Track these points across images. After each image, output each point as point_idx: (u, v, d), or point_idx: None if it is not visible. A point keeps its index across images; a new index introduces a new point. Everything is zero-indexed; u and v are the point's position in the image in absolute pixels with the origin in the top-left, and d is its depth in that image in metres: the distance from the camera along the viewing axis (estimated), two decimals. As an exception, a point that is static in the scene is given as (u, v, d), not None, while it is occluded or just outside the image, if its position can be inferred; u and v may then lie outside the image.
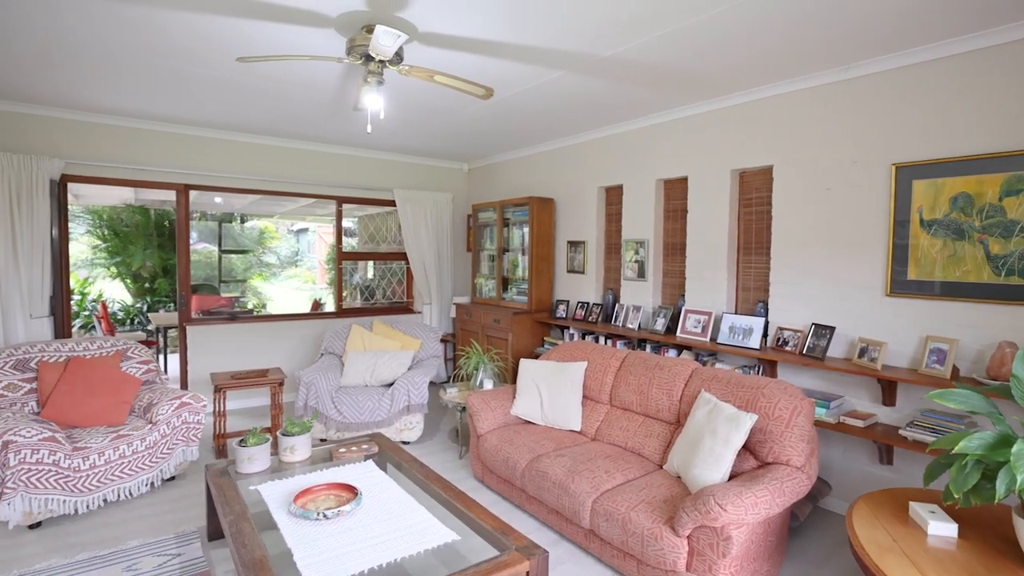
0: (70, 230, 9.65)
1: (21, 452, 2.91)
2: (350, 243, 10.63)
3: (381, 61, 2.69)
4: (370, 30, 2.59)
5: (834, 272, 3.33)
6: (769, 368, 3.55)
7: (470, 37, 2.85)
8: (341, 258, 6.21)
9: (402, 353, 4.80)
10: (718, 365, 3.83)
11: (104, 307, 7.40)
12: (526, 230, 5.39)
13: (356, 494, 2.46)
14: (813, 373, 3.42)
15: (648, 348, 4.26)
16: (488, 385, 4.31)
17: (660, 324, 4.23)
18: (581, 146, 5.16)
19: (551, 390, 3.71)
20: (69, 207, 9.01)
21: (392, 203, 6.26)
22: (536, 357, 5.20)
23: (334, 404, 4.28)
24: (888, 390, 3.02)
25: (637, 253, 4.58)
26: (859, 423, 2.99)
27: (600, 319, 4.80)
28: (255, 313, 9.58)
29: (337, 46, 2.95)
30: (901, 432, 2.83)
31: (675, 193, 4.41)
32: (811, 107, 3.42)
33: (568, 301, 5.21)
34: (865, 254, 3.18)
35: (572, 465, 2.96)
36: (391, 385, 4.52)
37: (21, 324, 4.26)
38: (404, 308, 6.69)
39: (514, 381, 5.05)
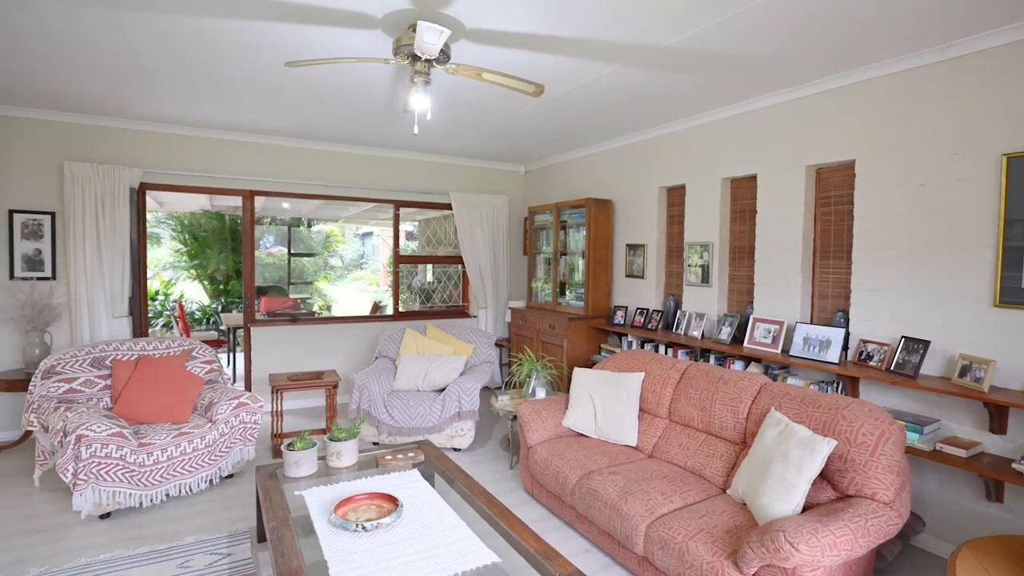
0: (157, 234, 10.41)
1: (92, 446, 3.05)
2: (410, 246, 10.81)
3: (427, 60, 2.62)
4: (415, 29, 2.52)
5: (928, 279, 2.95)
6: (850, 385, 3.20)
7: (518, 32, 2.73)
8: (398, 261, 6.27)
9: (454, 358, 4.74)
10: (790, 380, 3.50)
11: (181, 307, 7.85)
12: (583, 233, 5.21)
13: (397, 505, 2.39)
14: (902, 393, 3.04)
15: (712, 359, 3.98)
16: (540, 394, 4.17)
17: (725, 333, 3.93)
18: (640, 144, 4.92)
19: (606, 402, 3.52)
20: (154, 213, 9.71)
21: (449, 206, 6.25)
22: (591, 365, 5.01)
23: (386, 408, 4.27)
24: (997, 416, 2.62)
25: (701, 257, 4.30)
26: (960, 452, 2.61)
27: (660, 326, 4.55)
28: (320, 315, 9.88)
29: (385, 47, 2.91)
30: (1015, 466, 2.44)
31: (742, 192, 4.10)
32: (902, 93, 3.05)
33: (626, 307, 4.98)
34: (967, 258, 2.79)
35: (626, 485, 2.76)
36: (443, 390, 4.47)
37: (104, 323, 4.53)
38: (460, 312, 6.66)
39: (568, 390, 4.88)
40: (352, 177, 5.72)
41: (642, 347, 4.63)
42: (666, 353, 4.34)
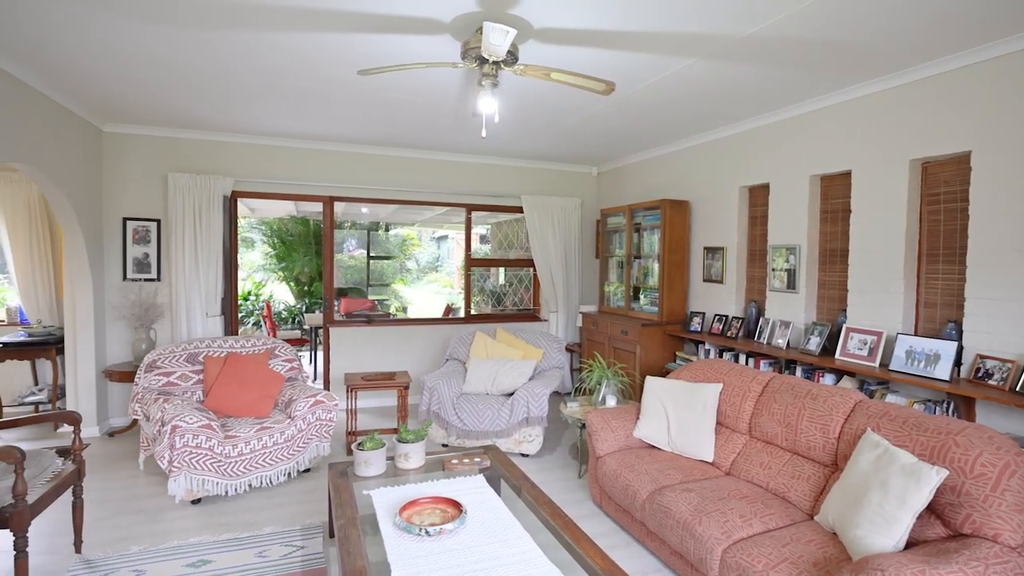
0: (251, 239, 11.18)
1: (185, 436, 3.28)
2: (483, 250, 10.93)
3: (495, 62, 2.59)
4: (482, 31, 2.50)
5: (1065, 287, 2.55)
6: (963, 407, 2.84)
7: (587, 29, 2.65)
8: (470, 264, 6.33)
9: (524, 362, 4.70)
10: (889, 397, 3.17)
11: (269, 307, 8.36)
12: (657, 235, 5.01)
13: (461, 511, 2.37)
14: (1030, 416, 2.65)
15: (799, 371, 3.68)
16: (611, 402, 4.04)
17: (814, 343, 3.62)
18: (719, 142, 4.66)
19: (680, 413, 3.34)
20: (247, 219, 10.44)
21: (520, 209, 6.23)
22: (665, 374, 4.79)
23: (455, 411, 4.30)
24: None
25: (787, 260, 4.00)
26: (1105, 490, 2.23)
27: (740, 335, 4.28)
28: (395, 316, 10.20)
29: (453, 52, 2.92)
30: None
31: (834, 191, 3.77)
32: (1030, 75, 2.67)
33: (704, 313, 4.73)
34: (1116, 263, 2.39)
35: (700, 503, 2.59)
36: (512, 395, 4.44)
37: (199, 321, 4.89)
38: (531, 315, 6.63)
39: (640, 399, 4.69)
40: (425, 181, 5.84)
41: (720, 356, 4.38)
42: (747, 363, 4.07)
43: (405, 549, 2.15)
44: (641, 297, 5.36)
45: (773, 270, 4.12)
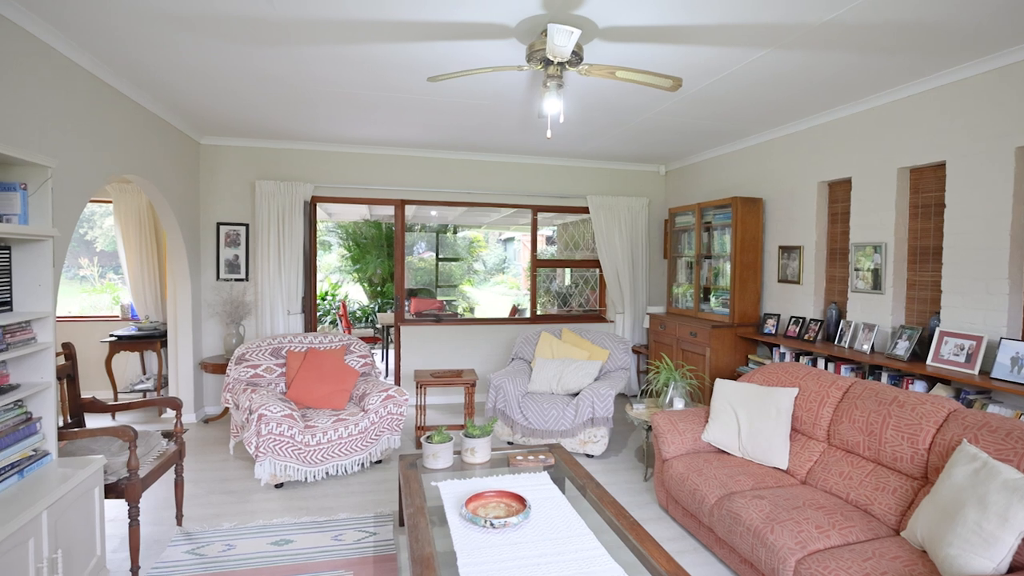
0: (328, 242, 11.81)
1: (269, 424, 3.52)
2: (549, 251, 10.96)
3: (560, 63, 2.62)
4: (547, 33, 2.54)
5: None
6: (1081, 419, 2.56)
7: (654, 25, 2.62)
8: (536, 265, 6.38)
9: (589, 363, 4.69)
10: (990, 408, 2.90)
11: (344, 306, 8.79)
12: (729, 234, 4.84)
13: (525, 506, 2.41)
14: None
15: (884, 377, 3.44)
16: (678, 404, 3.95)
17: (902, 348, 3.38)
18: (795, 136, 4.44)
19: (752, 417, 3.22)
20: (325, 223, 11.03)
21: (586, 210, 6.21)
22: (736, 377, 4.62)
23: (520, 409, 4.35)
24: None
25: (871, 259, 3.75)
26: None
27: (819, 338, 4.06)
28: (462, 316, 10.42)
29: (519, 55, 2.97)
30: None
31: (925, 184, 3.51)
32: None
33: (779, 315, 4.53)
34: None
35: (772, 511, 2.49)
36: (577, 395, 4.44)
37: (281, 319, 5.24)
38: (596, 316, 6.58)
39: (708, 402, 4.56)
40: (492, 184, 5.94)
41: (796, 360, 4.17)
42: (825, 368, 3.85)
43: (470, 539, 2.21)
44: (711, 298, 5.20)
45: (856, 270, 3.88)
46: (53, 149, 2.90)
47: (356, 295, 11.58)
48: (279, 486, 3.66)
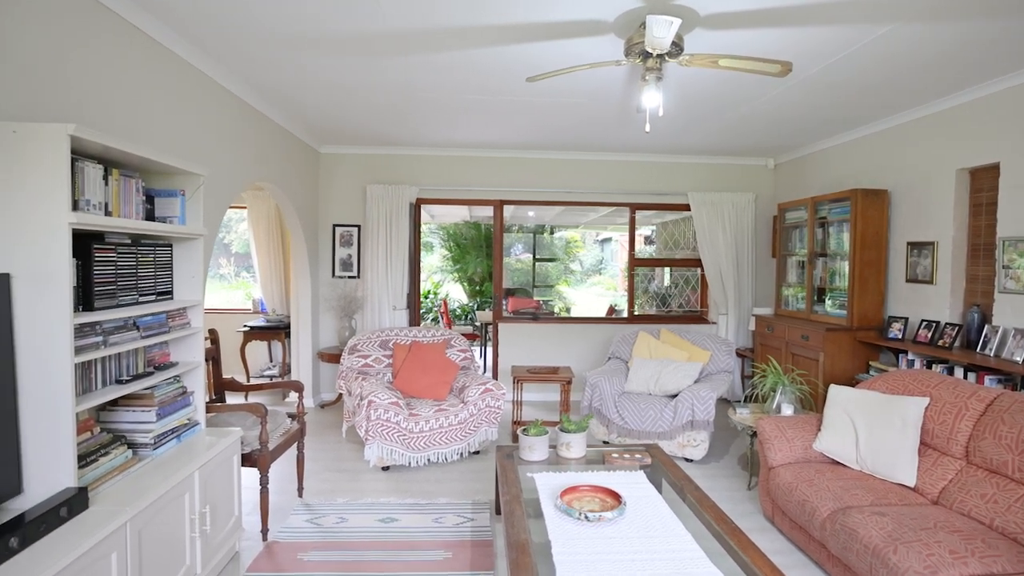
0: (431, 243, 12.38)
1: (378, 410, 3.78)
2: (648, 251, 10.70)
3: (659, 56, 2.58)
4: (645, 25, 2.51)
5: None
6: None
7: (760, 8, 2.49)
8: (634, 264, 6.27)
9: (689, 364, 4.53)
10: None
11: (445, 304, 9.18)
12: (846, 230, 4.46)
13: (620, 502, 2.40)
14: None
15: (1040, 390, 3.01)
16: (787, 411, 3.71)
17: (1065, 357, 2.93)
18: (926, 120, 4.00)
19: (872, 427, 2.96)
20: (427, 225, 11.58)
21: (687, 207, 6.00)
22: (854, 385, 4.24)
23: (616, 408, 4.31)
24: None
25: (1024, 256, 3.29)
26: None
27: (956, 344, 3.62)
28: (558, 315, 10.46)
29: (616, 50, 2.96)
30: None
31: (1100, 168, 3.02)
32: None
33: (906, 319, 4.10)
34: None
35: (896, 530, 2.28)
36: (676, 396, 4.31)
37: (387, 314, 5.59)
38: (697, 318, 6.34)
39: (820, 409, 4.23)
40: (589, 182, 5.93)
41: (928, 368, 3.75)
42: (964, 378, 3.44)
43: (564, 530, 2.24)
44: (826, 299, 4.82)
45: (1006, 267, 3.42)
46: (204, 160, 3.33)
47: (456, 294, 12.03)
48: (385, 469, 3.92)
